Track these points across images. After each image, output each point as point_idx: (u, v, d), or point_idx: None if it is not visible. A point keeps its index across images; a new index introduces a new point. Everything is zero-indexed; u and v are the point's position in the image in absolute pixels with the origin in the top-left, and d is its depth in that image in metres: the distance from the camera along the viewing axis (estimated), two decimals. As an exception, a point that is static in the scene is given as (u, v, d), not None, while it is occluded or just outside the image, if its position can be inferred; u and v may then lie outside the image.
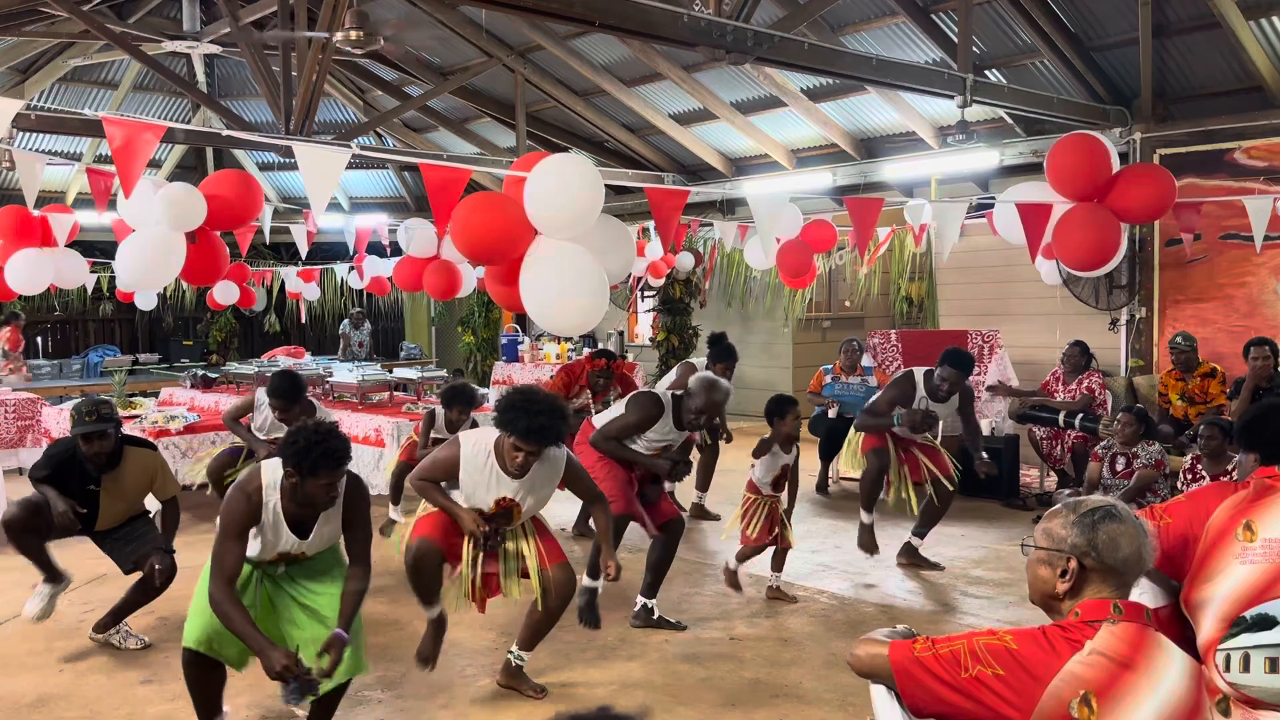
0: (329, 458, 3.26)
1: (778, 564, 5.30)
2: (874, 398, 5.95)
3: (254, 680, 3.74)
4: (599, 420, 4.99)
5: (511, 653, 4.10)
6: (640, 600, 4.87)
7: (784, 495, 5.23)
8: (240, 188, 5.31)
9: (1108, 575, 2.01)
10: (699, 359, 7.02)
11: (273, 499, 3.36)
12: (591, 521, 5.62)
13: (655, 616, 4.85)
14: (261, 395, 5.95)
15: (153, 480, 4.63)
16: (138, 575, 4.53)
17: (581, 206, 4.02)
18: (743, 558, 5.27)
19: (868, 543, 5.74)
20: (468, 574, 3.92)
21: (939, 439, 6.00)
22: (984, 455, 5.79)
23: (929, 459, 5.76)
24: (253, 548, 3.44)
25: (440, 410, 5.82)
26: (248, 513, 3.34)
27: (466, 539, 3.90)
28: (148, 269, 5.02)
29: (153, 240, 4.91)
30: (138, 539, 4.61)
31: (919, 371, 5.74)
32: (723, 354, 6.72)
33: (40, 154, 6.02)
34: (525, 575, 3.97)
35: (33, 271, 6.79)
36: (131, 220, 5.11)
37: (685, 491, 6.97)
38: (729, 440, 7.11)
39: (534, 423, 3.67)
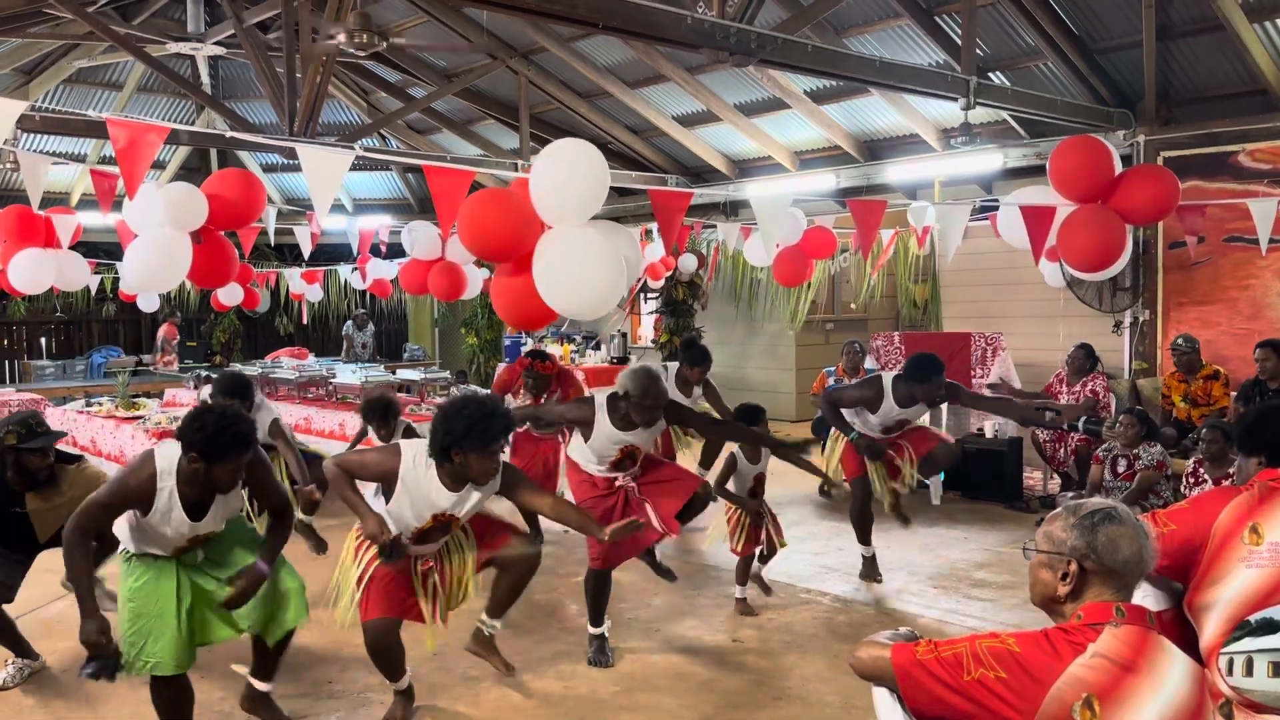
0: (237, 442, 3.21)
1: (763, 558, 5.23)
2: (841, 387, 5.73)
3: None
4: (574, 452, 4.68)
5: (483, 621, 3.91)
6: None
7: (765, 502, 5.13)
8: (242, 186, 5.30)
9: (1108, 578, 2.01)
10: (671, 364, 6.71)
11: (168, 485, 3.27)
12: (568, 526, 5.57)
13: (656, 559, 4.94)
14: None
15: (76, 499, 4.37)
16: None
17: (587, 188, 3.98)
18: (741, 578, 5.15)
19: (870, 574, 5.61)
20: (428, 609, 3.76)
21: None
22: (942, 437, 5.69)
23: (915, 445, 5.58)
24: (144, 544, 3.38)
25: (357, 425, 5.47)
26: (135, 497, 3.27)
27: (416, 574, 3.75)
28: (154, 271, 5.02)
29: (159, 242, 4.91)
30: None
31: (888, 377, 5.44)
32: (695, 357, 6.44)
33: (45, 155, 6.04)
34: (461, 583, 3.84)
35: (35, 271, 6.81)
36: (136, 221, 5.11)
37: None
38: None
39: (492, 425, 3.49)
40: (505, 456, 4.75)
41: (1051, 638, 1.94)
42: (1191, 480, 5.59)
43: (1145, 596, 2.49)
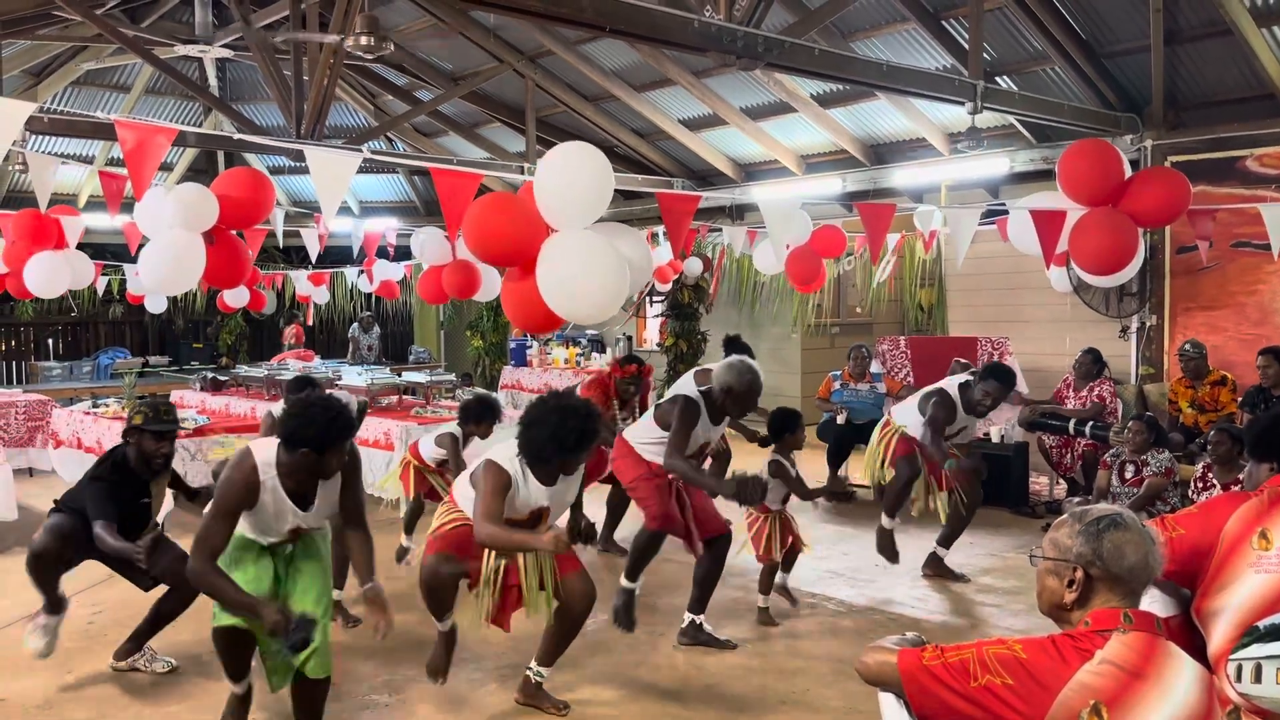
0: (347, 429, 3.30)
1: (786, 564, 5.21)
2: (931, 414, 5.53)
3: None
4: (633, 435, 4.78)
5: (530, 669, 4.01)
6: (688, 616, 4.71)
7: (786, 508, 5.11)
8: (252, 185, 5.24)
9: (1114, 584, 2.00)
10: (711, 365, 6.81)
11: (269, 477, 3.33)
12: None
13: (705, 633, 4.68)
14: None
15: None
16: (157, 592, 4.34)
17: (591, 192, 3.98)
18: (765, 587, 5.07)
19: (887, 548, 5.63)
20: (485, 593, 3.84)
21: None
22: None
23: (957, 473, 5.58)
24: (252, 530, 3.45)
25: (458, 431, 5.40)
26: (244, 495, 3.32)
27: (487, 557, 3.81)
28: (169, 273, 5.00)
29: (172, 244, 4.89)
30: (160, 551, 4.18)
31: (952, 387, 5.54)
32: (738, 350, 6.61)
33: (53, 156, 6.05)
34: (543, 586, 3.86)
35: (51, 274, 6.82)
36: (146, 223, 5.10)
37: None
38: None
39: (590, 432, 3.66)
40: None
41: (1059, 644, 1.93)
42: (1200, 485, 5.57)
43: (1153, 602, 2.48)
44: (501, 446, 3.88)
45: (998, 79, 8.33)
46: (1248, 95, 7.62)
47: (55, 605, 4.31)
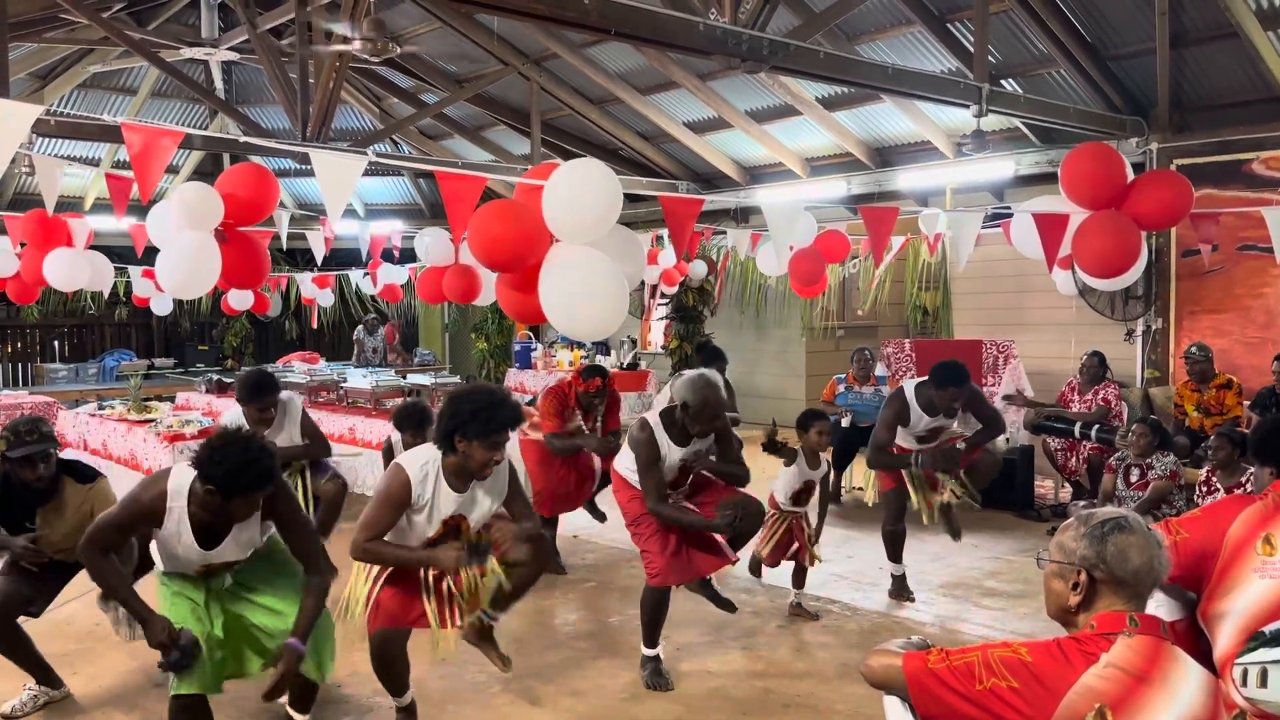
0: (262, 478, 3.08)
1: (798, 580, 5.15)
2: (877, 427, 5.43)
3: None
4: (620, 463, 4.50)
5: (484, 611, 3.70)
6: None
7: (809, 511, 5.06)
8: (255, 180, 5.20)
9: (1119, 588, 2.00)
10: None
11: (178, 505, 3.18)
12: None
13: (710, 589, 4.62)
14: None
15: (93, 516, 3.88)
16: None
17: (601, 211, 3.98)
18: (754, 568, 5.18)
19: (900, 593, 5.49)
20: (436, 627, 3.57)
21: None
22: (986, 448, 5.52)
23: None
24: (166, 563, 3.33)
25: (396, 436, 5.05)
26: (140, 518, 3.21)
27: (427, 582, 3.57)
28: (187, 276, 4.99)
29: (189, 247, 4.89)
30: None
31: (909, 386, 5.35)
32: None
33: (60, 159, 6.06)
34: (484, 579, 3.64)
35: (69, 269, 6.85)
36: (160, 228, 5.10)
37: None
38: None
39: (500, 413, 3.43)
40: (524, 478, 4.66)
41: (1064, 647, 1.93)
42: (1204, 489, 5.56)
43: (1159, 606, 2.48)
44: (417, 450, 3.65)
45: (1003, 82, 8.32)
46: (1253, 98, 7.61)
47: (47, 680, 4.06)
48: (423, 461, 3.53)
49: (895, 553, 5.53)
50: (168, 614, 3.26)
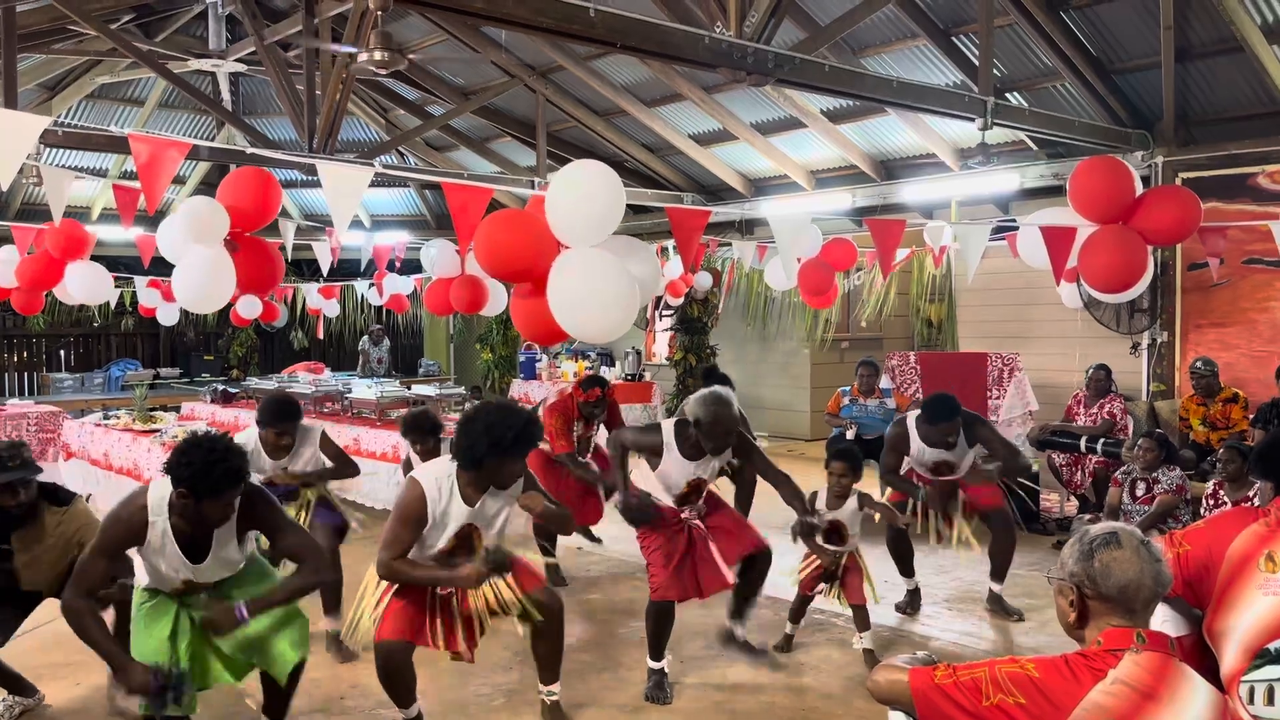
0: (230, 476, 3.06)
1: (860, 622, 4.72)
2: (883, 458, 5.44)
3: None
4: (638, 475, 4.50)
5: (541, 692, 3.96)
6: (727, 623, 4.66)
7: (854, 549, 4.73)
8: (257, 184, 5.17)
9: (1107, 603, 1.99)
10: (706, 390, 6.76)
11: (160, 519, 3.14)
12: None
13: (740, 640, 4.61)
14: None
15: (79, 541, 3.84)
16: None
17: (603, 209, 3.98)
18: (795, 615, 4.91)
19: (909, 607, 5.47)
20: (439, 636, 3.65)
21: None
22: (1006, 508, 5.41)
23: (977, 496, 5.35)
24: (152, 580, 3.27)
25: (405, 445, 5.00)
26: (126, 535, 3.14)
27: (435, 598, 3.65)
28: (202, 291, 4.99)
29: (203, 261, 4.89)
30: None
31: (911, 417, 5.31)
32: (716, 382, 6.47)
33: (67, 170, 6.09)
34: (505, 611, 3.73)
35: (94, 281, 6.87)
36: (168, 242, 5.11)
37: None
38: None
39: (534, 432, 3.50)
40: None
41: (1072, 663, 1.93)
42: (1211, 503, 5.54)
43: (1165, 621, 2.47)
44: (432, 463, 3.71)
45: (1008, 95, 8.33)
46: (1259, 112, 7.61)
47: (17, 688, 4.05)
48: (438, 475, 3.55)
49: (905, 567, 5.51)
50: (136, 625, 3.24)
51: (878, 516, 4.78)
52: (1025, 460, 5.55)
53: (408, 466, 4.99)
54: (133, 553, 3.31)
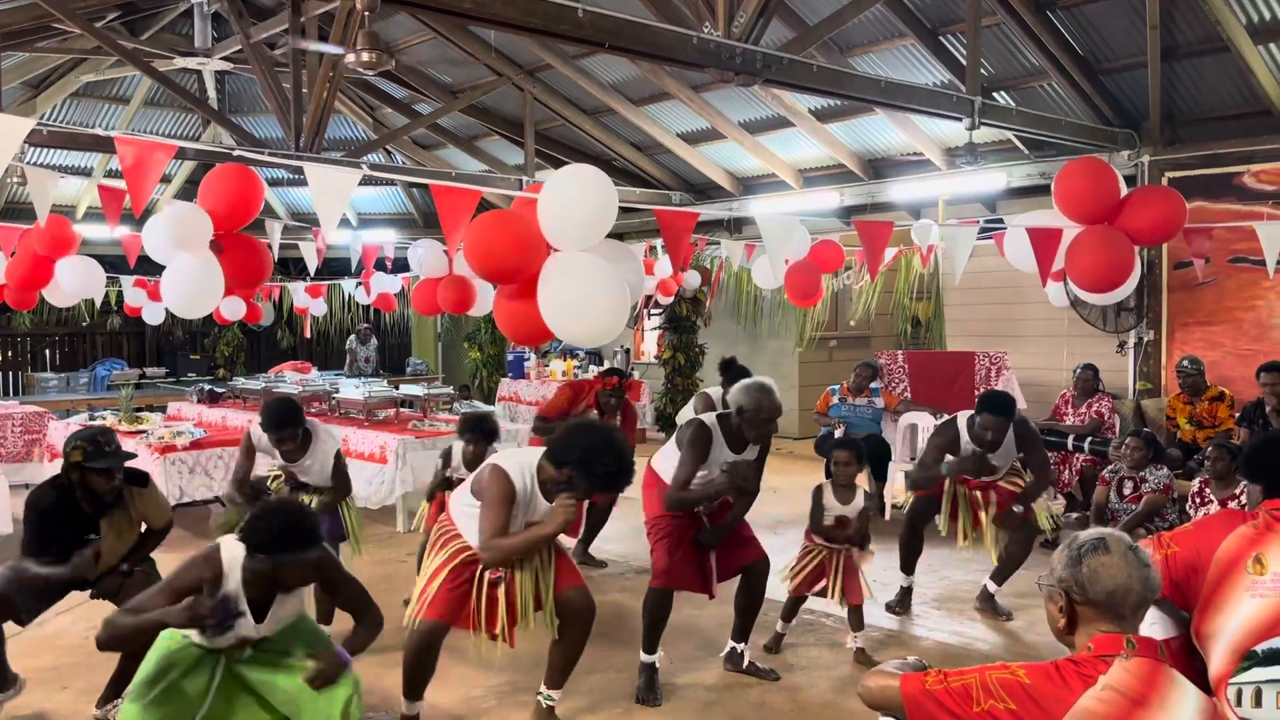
0: (307, 538, 3.06)
1: (854, 623, 4.77)
2: (924, 453, 5.49)
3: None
4: (659, 463, 4.55)
5: (540, 694, 3.92)
6: (730, 644, 4.62)
7: (852, 549, 4.74)
8: (239, 182, 5.14)
9: (1095, 609, 1.99)
10: (713, 389, 6.84)
11: (234, 579, 3.11)
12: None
13: (746, 664, 4.57)
14: (257, 432, 4.91)
15: (148, 519, 4.14)
16: None
17: (596, 214, 3.98)
18: (787, 615, 4.91)
19: (900, 605, 5.48)
20: (482, 619, 3.72)
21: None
22: (1033, 517, 5.34)
23: (1001, 499, 5.37)
24: (196, 634, 3.19)
25: (459, 444, 5.08)
26: (198, 584, 3.09)
27: (482, 581, 3.72)
28: (191, 298, 4.96)
29: (189, 267, 4.85)
30: (130, 587, 3.96)
31: (963, 417, 5.30)
32: (737, 375, 6.58)
33: (52, 170, 6.04)
34: (540, 606, 3.77)
35: (85, 277, 6.81)
36: (154, 242, 5.07)
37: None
38: None
39: (624, 478, 3.60)
40: None
41: (1062, 669, 1.93)
42: (1197, 501, 5.57)
43: (1152, 624, 2.48)
44: (512, 453, 3.79)
45: (995, 94, 8.35)
46: (1244, 111, 7.65)
47: (3, 682, 3.99)
48: (521, 464, 3.65)
49: (909, 563, 5.53)
50: (175, 654, 3.18)
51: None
52: (1051, 481, 5.53)
53: (446, 459, 5.12)
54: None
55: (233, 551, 3.14)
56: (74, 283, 6.85)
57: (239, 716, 3.24)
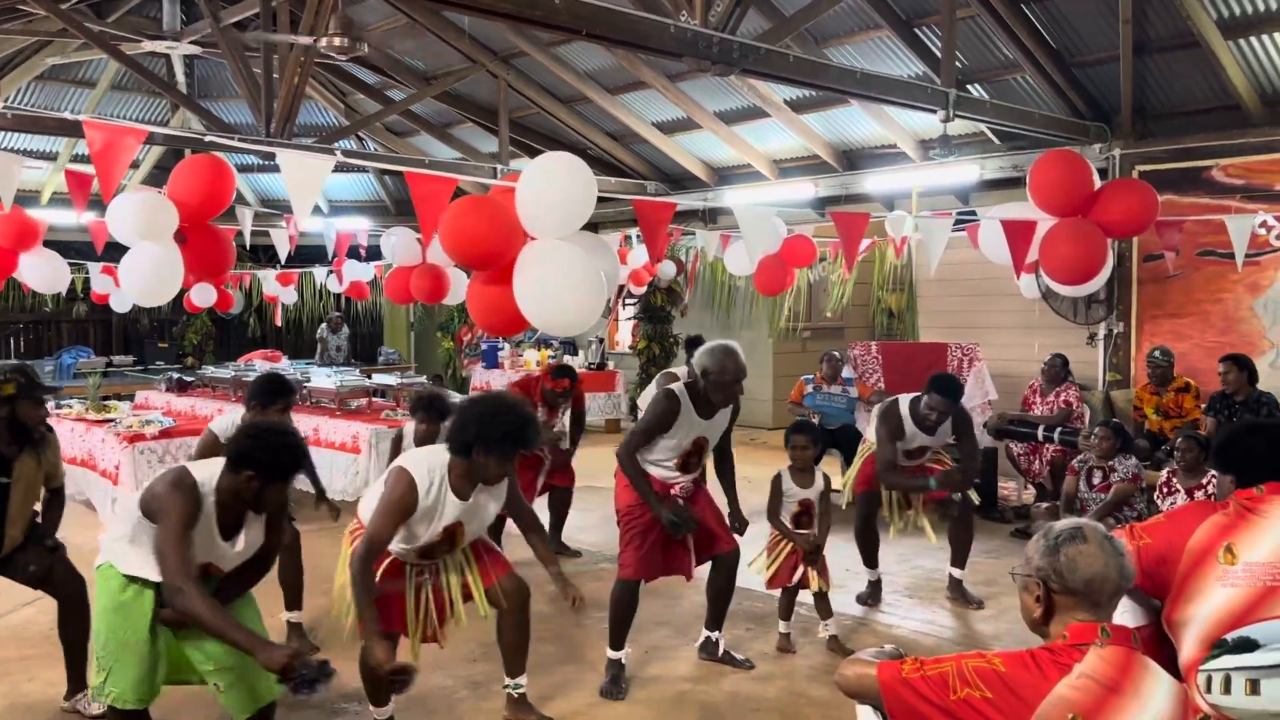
0: (299, 460, 3.06)
1: (822, 610, 4.81)
2: (878, 450, 5.41)
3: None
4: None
5: (506, 685, 3.90)
6: (704, 633, 4.64)
7: (813, 534, 4.73)
8: (210, 174, 5.07)
9: (1073, 597, 2.00)
10: (679, 368, 6.85)
11: (209, 499, 3.06)
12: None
13: (721, 652, 4.60)
14: (222, 426, 4.61)
15: (54, 470, 4.04)
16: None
17: (574, 203, 3.96)
18: (785, 613, 4.85)
19: (871, 598, 5.51)
20: (415, 622, 3.66)
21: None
22: (967, 494, 5.44)
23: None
24: (138, 567, 3.12)
25: (409, 427, 4.87)
26: (192, 512, 3.02)
27: (410, 583, 3.66)
28: (150, 286, 4.90)
29: (148, 256, 4.80)
30: (38, 555, 3.94)
31: (904, 399, 5.33)
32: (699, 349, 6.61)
33: (16, 155, 5.94)
34: (469, 598, 3.73)
35: (51, 271, 6.70)
36: (118, 225, 5.00)
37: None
38: None
39: (528, 434, 3.42)
40: None
41: (1038, 658, 1.94)
42: (1164, 490, 5.64)
43: (1124, 613, 2.50)
44: (423, 452, 3.61)
45: (969, 87, 8.39)
46: (1214, 106, 7.73)
47: None
48: (430, 465, 3.47)
49: (870, 557, 5.55)
50: (112, 616, 3.13)
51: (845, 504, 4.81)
52: (978, 467, 5.66)
53: (397, 446, 4.93)
54: (127, 540, 3.17)
55: (205, 472, 3.09)
56: (38, 278, 6.75)
57: (191, 653, 3.20)
